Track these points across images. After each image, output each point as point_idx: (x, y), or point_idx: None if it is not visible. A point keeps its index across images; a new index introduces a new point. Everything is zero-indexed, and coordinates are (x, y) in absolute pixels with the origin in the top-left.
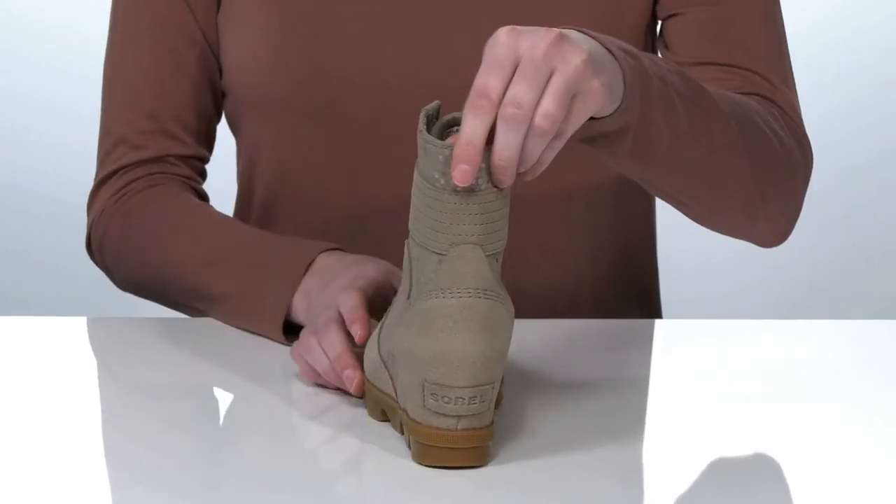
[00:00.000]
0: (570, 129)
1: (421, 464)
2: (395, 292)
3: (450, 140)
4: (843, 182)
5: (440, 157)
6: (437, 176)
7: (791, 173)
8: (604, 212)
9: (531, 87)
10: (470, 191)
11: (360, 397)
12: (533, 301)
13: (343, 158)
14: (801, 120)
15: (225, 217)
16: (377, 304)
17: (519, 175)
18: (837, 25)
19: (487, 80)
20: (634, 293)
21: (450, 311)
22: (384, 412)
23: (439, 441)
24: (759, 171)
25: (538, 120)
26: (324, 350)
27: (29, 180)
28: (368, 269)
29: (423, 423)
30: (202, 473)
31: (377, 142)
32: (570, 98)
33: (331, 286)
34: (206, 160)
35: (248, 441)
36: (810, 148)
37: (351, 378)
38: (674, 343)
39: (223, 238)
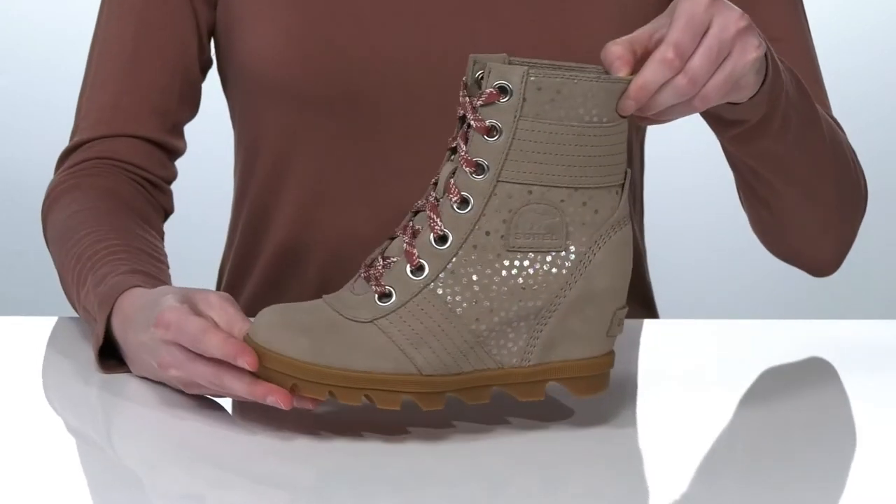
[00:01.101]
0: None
1: (590, 396)
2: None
3: (622, 75)
4: None
5: (622, 92)
6: (615, 111)
7: (858, 203)
8: None
9: (711, 66)
10: (625, 119)
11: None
12: None
13: (360, 146)
14: None
15: (87, 242)
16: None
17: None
18: (837, 25)
19: (684, 39)
20: (633, 295)
21: (630, 234)
22: (440, 398)
23: (612, 363)
24: (840, 198)
25: (697, 100)
26: (220, 382)
27: (29, 180)
28: (167, 302)
29: (602, 354)
30: (183, 472)
31: (395, 129)
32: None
33: (141, 337)
34: (171, 150)
35: (243, 439)
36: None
37: (249, 361)
38: (673, 343)
39: (71, 271)
